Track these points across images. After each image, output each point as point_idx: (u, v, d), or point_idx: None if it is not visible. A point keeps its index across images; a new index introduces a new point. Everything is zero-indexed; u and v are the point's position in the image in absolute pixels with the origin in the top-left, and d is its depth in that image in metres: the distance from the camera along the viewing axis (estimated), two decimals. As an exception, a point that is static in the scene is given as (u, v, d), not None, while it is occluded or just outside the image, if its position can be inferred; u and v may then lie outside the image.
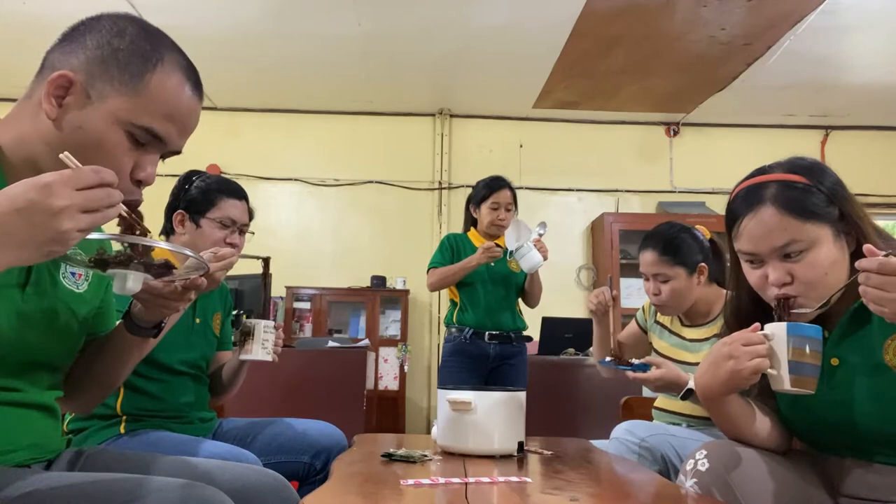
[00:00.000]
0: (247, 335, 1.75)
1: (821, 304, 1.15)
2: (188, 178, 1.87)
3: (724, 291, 2.05)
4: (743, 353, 1.13)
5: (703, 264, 1.98)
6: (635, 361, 1.87)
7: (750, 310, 1.29)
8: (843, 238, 1.18)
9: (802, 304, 1.16)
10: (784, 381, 1.12)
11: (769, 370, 1.14)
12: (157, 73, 0.94)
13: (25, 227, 0.73)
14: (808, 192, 1.17)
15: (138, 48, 0.94)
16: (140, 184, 0.96)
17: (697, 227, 2.07)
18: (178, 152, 1.00)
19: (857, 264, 1.03)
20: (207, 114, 5.39)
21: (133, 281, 0.92)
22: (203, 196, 1.80)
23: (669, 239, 1.99)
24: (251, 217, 1.90)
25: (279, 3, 3.91)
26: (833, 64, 4.55)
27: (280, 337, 1.80)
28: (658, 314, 2.19)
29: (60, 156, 0.82)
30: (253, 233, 1.92)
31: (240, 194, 1.85)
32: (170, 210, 1.84)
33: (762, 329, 1.16)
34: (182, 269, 1.01)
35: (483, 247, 2.91)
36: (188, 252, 0.95)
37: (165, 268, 0.96)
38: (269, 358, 1.75)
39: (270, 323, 1.75)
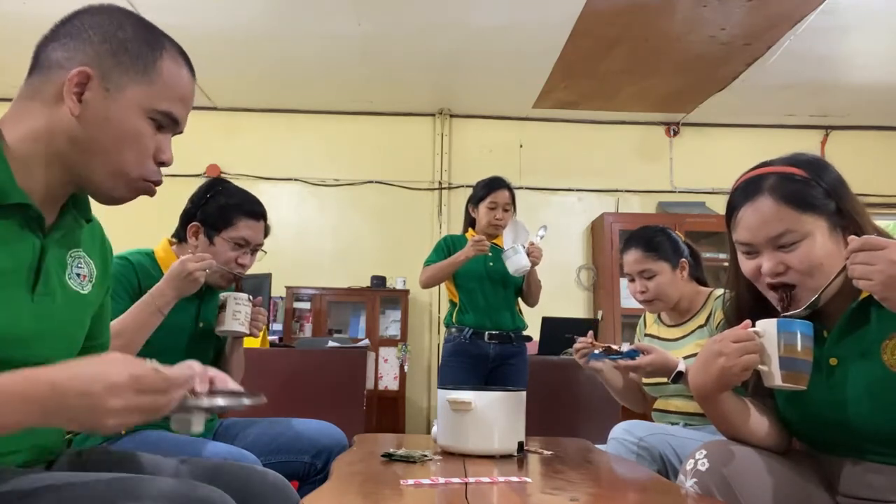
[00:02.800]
0: (221, 308, 1.74)
1: (817, 294, 1.15)
2: (211, 187, 1.83)
3: (704, 289, 2.08)
4: (733, 350, 1.14)
5: (683, 259, 2.07)
6: (624, 349, 1.87)
7: (750, 305, 1.29)
8: (840, 232, 1.19)
9: (797, 294, 1.17)
10: (775, 377, 1.13)
11: (760, 366, 1.15)
12: (164, 59, 0.99)
13: (74, 407, 0.78)
14: (806, 184, 1.18)
15: (142, 38, 0.98)
16: (163, 165, 1.01)
17: (673, 230, 2.18)
18: (182, 132, 1.06)
19: (847, 251, 1.06)
20: (207, 114, 5.43)
21: (196, 423, 0.94)
22: (221, 213, 1.77)
23: (650, 237, 2.09)
24: (267, 233, 1.87)
25: (279, 3, 3.91)
26: (833, 64, 4.55)
27: (261, 312, 1.79)
28: (647, 327, 2.22)
29: (148, 363, 0.84)
30: (265, 252, 1.88)
31: (258, 214, 1.81)
32: (186, 217, 1.81)
33: (753, 326, 1.17)
34: (239, 404, 1.02)
35: (473, 239, 2.91)
36: (246, 400, 0.97)
37: (225, 407, 0.99)
38: (243, 329, 1.74)
39: (243, 295, 1.74)
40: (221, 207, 1.78)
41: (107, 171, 0.97)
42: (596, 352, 1.94)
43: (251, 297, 1.76)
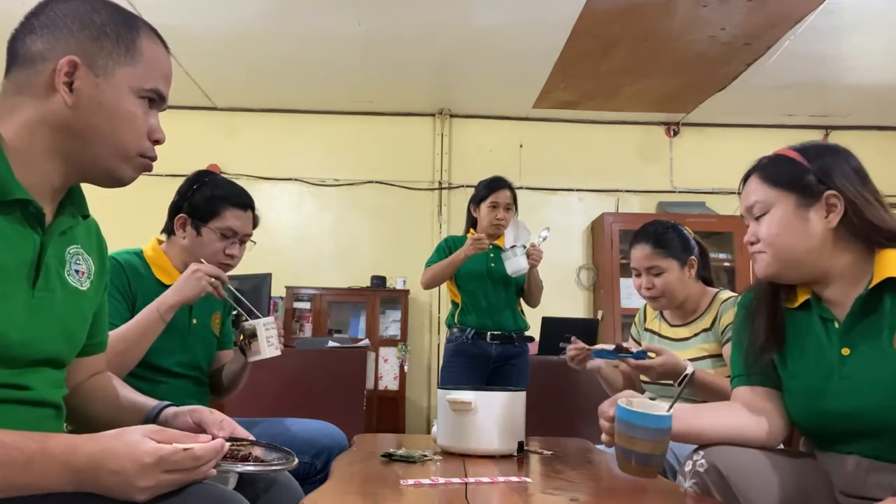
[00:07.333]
0: (251, 337, 1.75)
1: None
2: (197, 179, 1.82)
3: (710, 289, 2.07)
4: (601, 424, 1.20)
5: (693, 258, 2.04)
6: (634, 350, 1.86)
7: (767, 290, 1.34)
8: (807, 212, 1.22)
9: (765, 260, 1.26)
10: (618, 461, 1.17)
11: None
12: (142, 38, 1.01)
13: (108, 482, 0.83)
14: (791, 164, 1.27)
15: (119, 20, 1.00)
16: (157, 143, 1.04)
17: (684, 226, 2.13)
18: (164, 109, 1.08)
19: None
20: (207, 113, 5.44)
21: (233, 481, 1.01)
22: (207, 204, 1.76)
23: (661, 233, 2.06)
24: (256, 224, 1.86)
25: (279, 2, 3.90)
26: (833, 64, 4.55)
27: (280, 328, 1.80)
28: (647, 322, 2.20)
29: (179, 446, 0.87)
30: (255, 242, 1.88)
31: (245, 204, 1.81)
32: (173, 210, 1.80)
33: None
34: (268, 470, 1.08)
35: (472, 237, 2.90)
36: (276, 467, 1.05)
37: (254, 472, 1.05)
38: (277, 353, 1.76)
39: (270, 319, 1.76)
40: (208, 199, 1.77)
41: (109, 154, 0.99)
42: (608, 348, 1.93)
43: (275, 317, 1.79)
